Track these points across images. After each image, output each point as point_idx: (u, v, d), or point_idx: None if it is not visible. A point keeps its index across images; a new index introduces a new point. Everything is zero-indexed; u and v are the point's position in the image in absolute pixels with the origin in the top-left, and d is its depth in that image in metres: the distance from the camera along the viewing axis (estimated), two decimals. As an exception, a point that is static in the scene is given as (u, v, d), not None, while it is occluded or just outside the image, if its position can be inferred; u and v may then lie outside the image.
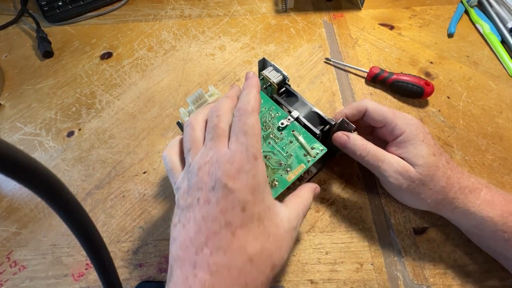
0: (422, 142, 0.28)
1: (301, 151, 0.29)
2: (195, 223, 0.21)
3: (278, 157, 0.29)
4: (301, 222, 0.25)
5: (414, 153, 0.28)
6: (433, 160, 0.27)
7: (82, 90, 0.47)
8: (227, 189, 0.21)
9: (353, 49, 0.50)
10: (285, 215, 0.23)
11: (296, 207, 0.25)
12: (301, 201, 0.26)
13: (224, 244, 0.20)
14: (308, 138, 0.29)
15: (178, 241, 0.21)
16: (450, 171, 0.28)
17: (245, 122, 0.23)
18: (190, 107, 0.31)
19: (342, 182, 0.36)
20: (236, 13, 0.56)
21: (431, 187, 0.27)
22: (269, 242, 0.21)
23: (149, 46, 0.52)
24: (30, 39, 0.54)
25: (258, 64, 0.35)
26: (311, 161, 0.28)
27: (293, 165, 0.28)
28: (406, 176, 0.28)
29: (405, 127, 0.29)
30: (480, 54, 0.48)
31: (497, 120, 0.40)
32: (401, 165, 0.28)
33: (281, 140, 0.30)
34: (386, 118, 0.30)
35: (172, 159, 0.26)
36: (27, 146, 0.41)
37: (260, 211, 0.21)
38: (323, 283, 0.30)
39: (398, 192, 0.30)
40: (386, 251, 0.32)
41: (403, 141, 0.29)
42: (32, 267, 0.32)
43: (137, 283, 0.31)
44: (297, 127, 0.30)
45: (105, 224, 0.34)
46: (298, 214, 0.24)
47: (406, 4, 0.56)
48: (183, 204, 0.22)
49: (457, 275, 0.30)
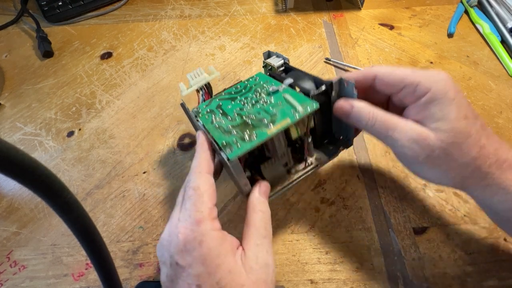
0: (452, 102, 0.22)
1: (290, 108, 0.25)
2: None
3: (262, 115, 0.25)
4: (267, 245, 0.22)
5: (439, 116, 0.22)
6: (463, 124, 0.22)
7: (82, 90, 0.47)
8: (179, 267, 0.20)
9: (353, 49, 0.50)
10: (250, 260, 0.21)
11: (255, 241, 0.22)
12: (256, 230, 0.23)
13: None
14: (298, 96, 0.26)
15: None
16: (486, 139, 0.22)
17: (189, 186, 0.22)
18: (190, 83, 0.32)
19: (342, 182, 0.36)
20: (236, 13, 0.56)
21: (457, 158, 0.22)
22: None
23: (149, 46, 0.52)
24: (30, 39, 0.54)
25: (263, 55, 0.34)
26: (299, 115, 0.24)
27: (277, 120, 0.24)
28: (423, 145, 0.22)
29: (431, 85, 0.23)
30: (480, 54, 0.48)
31: (497, 120, 0.40)
32: (418, 132, 0.23)
33: (270, 103, 0.26)
34: (405, 77, 0.24)
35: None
36: (27, 146, 0.41)
37: (219, 279, 0.19)
38: (323, 283, 0.30)
39: (414, 165, 0.25)
40: (386, 251, 0.32)
41: (426, 102, 0.23)
42: (32, 267, 0.32)
43: (137, 283, 0.31)
44: (289, 91, 0.27)
45: (105, 224, 0.34)
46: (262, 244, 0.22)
47: (406, 4, 0.56)
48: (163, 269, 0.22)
49: (457, 275, 0.30)
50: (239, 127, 0.25)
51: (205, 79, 0.31)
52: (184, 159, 0.39)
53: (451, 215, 0.33)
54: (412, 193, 0.35)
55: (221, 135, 0.24)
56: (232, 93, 0.29)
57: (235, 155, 0.22)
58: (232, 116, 0.26)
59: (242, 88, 0.30)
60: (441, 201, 0.34)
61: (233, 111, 0.27)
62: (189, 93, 0.31)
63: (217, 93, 0.31)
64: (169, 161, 0.39)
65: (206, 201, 0.21)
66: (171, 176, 0.38)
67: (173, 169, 0.38)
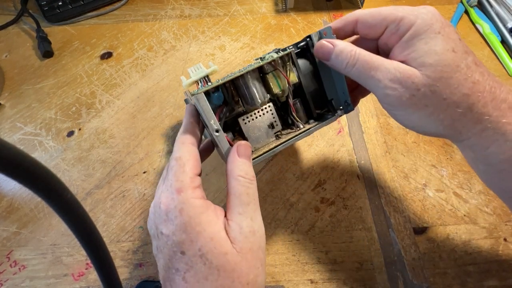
0: (438, 34, 0.20)
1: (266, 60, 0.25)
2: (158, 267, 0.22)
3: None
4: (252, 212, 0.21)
5: (424, 50, 0.20)
6: (451, 57, 0.20)
7: (82, 90, 0.47)
8: (163, 236, 0.20)
9: (353, 49, 0.49)
10: (233, 231, 0.20)
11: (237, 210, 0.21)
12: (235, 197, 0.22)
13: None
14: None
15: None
16: (479, 75, 0.20)
17: (172, 157, 0.22)
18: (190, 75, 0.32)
19: (342, 182, 0.36)
20: (236, 13, 0.56)
21: (446, 96, 0.20)
22: (221, 278, 0.19)
23: (149, 46, 0.52)
24: (30, 39, 0.54)
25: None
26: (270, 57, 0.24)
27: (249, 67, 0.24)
28: (407, 84, 0.20)
29: (415, 18, 0.21)
30: (480, 54, 0.48)
31: (497, 120, 0.40)
32: (401, 71, 0.21)
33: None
34: (387, 16, 0.22)
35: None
36: (27, 146, 0.41)
37: (200, 247, 0.19)
38: (323, 283, 0.30)
39: (398, 109, 0.22)
40: (386, 251, 0.32)
41: (410, 38, 0.21)
42: (32, 266, 0.32)
43: (137, 283, 0.31)
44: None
45: (105, 224, 0.34)
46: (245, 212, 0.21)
47: (406, 4, 0.56)
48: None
49: (457, 275, 0.30)
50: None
51: (204, 72, 0.32)
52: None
53: (451, 215, 0.33)
54: (412, 193, 0.35)
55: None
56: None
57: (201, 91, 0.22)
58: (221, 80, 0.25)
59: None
60: (441, 201, 0.34)
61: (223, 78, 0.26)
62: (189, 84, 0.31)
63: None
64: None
65: (187, 171, 0.21)
66: (171, 176, 0.38)
67: (173, 169, 0.38)
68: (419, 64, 0.20)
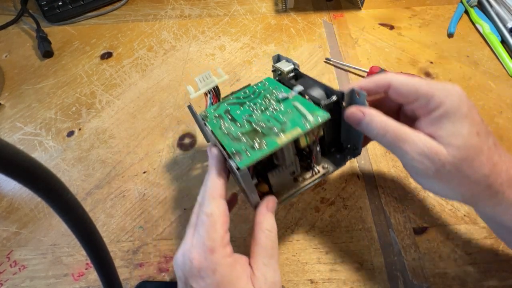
0: (465, 117, 0.22)
1: (300, 118, 0.24)
2: None
3: (272, 123, 0.25)
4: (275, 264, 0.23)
5: (451, 131, 0.22)
6: (475, 141, 0.22)
7: (82, 90, 0.47)
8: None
9: (353, 49, 0.50)
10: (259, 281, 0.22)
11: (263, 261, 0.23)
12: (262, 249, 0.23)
13: None
14: (308, 105, 0.25)
15: None
16: (498, 157, 0.22)
17: (203, 210, 0.23)
18: (198, 86, 0.32)
19: (342, 182, 0.36)
20: (236, 13, 0.56)
21: (469, 174, 0.22)
22: None
23: (149, 46, 0.52)
24: (30, 39, 0.54)
25: (273, 59, 0.34)
26: (309, 125, 0.24)
27: (287, 129, 0.24)
28: (434, 160, 0.22)
29: (445, 98, 0.22)
30: (480, 54, 0.48)
31: (497, 120, 0.40)
32: (429, 146, 0.22)
33: (280, 110, 0.26)
34: (420, 89, 0.23)
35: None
36: (27, 146, 0.41)
37: None
38: (323, 283, 0.30)
39: (423, 178, 0.24)
40: (386, 251, 0.32)
41: (439, 116, 0.22)
42: (32, 266, 0.32)
43: (137, 283, 0.31)
44: (300, 99, 0.26)
45: (105, 224, 0.34)
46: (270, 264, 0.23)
47: (406, 4, 0.56)
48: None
49: (457, 275, 0.30)
50: (249, 134, 0.24)
51: (214, 82, 0.31)
52: (184, 159, 0.39)
53: (451, 215, 0.33)
54: (412, 193, 0.35)
55: (230, 142, 0.24)
56: (240, 98, 0.29)
57: (245, 164, 0.22)
58: (241, 123, 0.26)
59: (250, 93, 0.29)
60: (441, 201, 0.34)
61: (242, 117, 0.26)
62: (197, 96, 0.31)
63: (225, 97, 0.31)
64: (169, 161, 0.39)
65: (219, 229, 0.22)
66: (171, 176, 0.38)
67: (173, 169, 0.38)
68: (446, 143, 0.22)
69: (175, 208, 0.35)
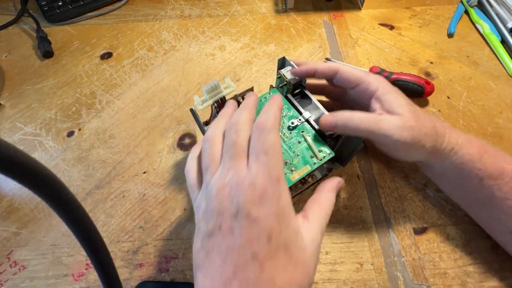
0: (397, 94, 0.29)
1: (308, 153, 0.29)
2: (219, 254, 0.20)
3: (285, 156, 0.29)
4: (322, 236, 0.23)
5: (397, 103, 0.28)
6: (413, 107, 0.28)
7: (82, 90, 0.47)
8: (251, 218, 0.19)
9: (353, 49, 0.50)
10: (309, 235, 0.22)
11: (319, 220, 0.23)
12: (323, 209, 0.24)
13: (253, 277, 0.19)
14: (316, 140, 0.30)
15: (203, 271, 0.20)
16: (423, 113, 0.29)
17: (265, 139, 0.21)
18: (205, 96, 0.31)
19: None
20: (236, 13, 0.56)
21: (425, 130, 0.27)
22: (297, 271, 0.20)
23: (149, 46, 0.52)
24: (30, 39, 0.54)
25: (278, 62, 0.34)
26: (317, 163, 0.28)
27: (298, 165, 0.28)
28: (406, 128, 0.27)
29: (379, 84, 0.29)
30: (480, 54, 0.48)
31: (497, 120, 0.40)
32: (397, 119, 0.27)
33: (290, 139, 0.30)
34: (360, 76, 0.30)
35: (193, 176, 0.25)
36: (27, 146, 0.41)
37: (286, 238, 0.20)
38: (323, 283, 0.30)
39: (402, 148, 0.28)
40: (386, 251, 0.32)
41: (382, 95, 0.29)
42: (32, 267, 0.32)
43: (137, 283, 0.31)
44: (307, 129, 0.30)
45: (105, 224, 0.34)
46: (321, 227, 0.23)
47: (406, 4, 0.56)
48: (204, 229, 0.21)
49: (457, 275, 0.30)
50: None
51: (221, 93, 0.31)
52: (184, 159, 0.39)
53: (451, 215, 0.33)
54: (412, 193, 0.35)
55: None
56: None
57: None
58: None
59: (258, 108, 0.29)
60: (441, 201, 0.34)
61: None
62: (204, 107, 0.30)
63: None
64: (169, 161, 0.39)
65: (281, 160, 0.22)
66: (171, 176, 0.38)
67: (173, 169, 0.38)
68: (399, 112, 0.28)
69: (175, 208, 0.35)
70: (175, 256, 0.32)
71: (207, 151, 0.24)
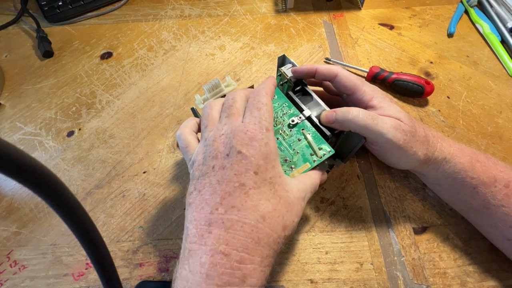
0: (391, 101, 0.30)
1: (308, 150, 0.29)
2: (210, 187, 0.22)
3: (285, 153, 0.29)
4: (308, 196, 0.26)
5: (392, 110, 0.29)
6: (404, 113, 0.29)
7: (82, 90, 0.47)
8: (241, 155, 0.22)
9: (353, 49, 0.50)
10: (294, 185, 0.25)
11: (304, 182, 0.26)
12: (309, 178, 0.27)
13: (238, 203, 0.21)
14: (317, 138, 0.30)
15: (194, 205, 0.22)
16: (417, 122, 0.30)
17: (259, 100, 0.25)
18: (206, 95, 0.31)
19: (342, 182, 0.36)
20: (236, 13, 0.56)
21: (417, 138, 0.29)
22: (280, 204, 0.23)
23: (149, 46, 0.52)
24: (30, 39, 0.54)
25: (278, 60, 0.35)
26: (317, 161, 0.28)
27: (298, 163, 0.28)
28: (400, 130, 0.28)
29: (373, 93, 0.30)
30: (480, 54, 0.48)
31: (497, 120, 0.40)
32: (393, 120, 0.28)
33: (290, 137, 0.30)
34: (356, 84, 0.30)
35: (186, 137, 0.27)
36: (27, 146, 0.41)
37: (272, 176, 0.23)
38: (323, 283, 0.30)
39: (394, 150, 0.29)
40: (386, 251, 0.32)
41: (377, 103, 0.30)
42: (32, 266, 0.32)
43: (137, 283, 0.31)
44: (307, 127, 0.30)
45: (105, 224, 0.34)
46: (306, 187, 0.25)
47: (406, 4, 0.56)
48: (198, 174, 0.23)
49: (457, 274, 0.30)
50: None
51: (222, 92, 0.31)
52: (184, 159, 0.39)
53: (451, 215, 0.33)
54: (412, 193, 0.35)
55: None
56: None
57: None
58: None
59: None
60: (441, 201, 0.34)
61: None
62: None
63: None
64: (169, 161, 0.39)
65: (272, 117, 0.25)
66: (171, 176, 0.38)
67: (173, 169, 0.38)
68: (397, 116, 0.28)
69: (175, 208, 0.35)
70: (175, 256, 0.32)
71: (206, 113, 0.27)
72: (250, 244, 0.21)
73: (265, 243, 0.21)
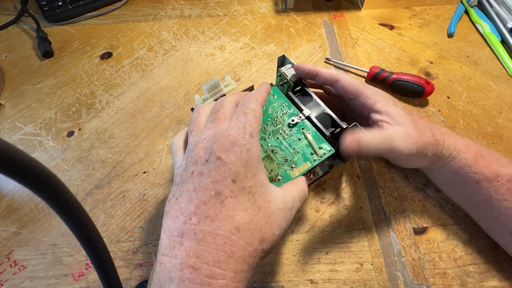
0: (394, 103, 0.30)
1: (309, 150, 0.29)
2: (187, 195, 0.21)
3: (285, 152, 0.29)
4: (297, 206, 0.25)
5: (396, 114, 0.29)
6: (411, 117, 0.29)
7: (82, 90, 0.47)
8: (219, 161, 0.21)
9: (353, 49, 0.50)
10: (279, 195, 0.23)
11: (291, 191, 0.25)
12: (296, 187, 0.25)
13: (212, 213, 0.20)
14: (317, 137, 0.30)
15: (169, 214, 0.21)
16: (422, 122, 0.30)
17: (247, 106, 0.24)
18: (205, 95, 0.31)
19: (342, 182, 0.36)
20: (236, 13, 0.56)
21: (426, 141, 0.28)
22: (258, 216, 0.21)
23: (149, 46, 0.52)
24: (30, 39, 0.54)
25: (278, 60, 0.35)
26: (317, 160, 0.28)
27: (298, 162, 0.28)
28: (412, 141, 0.28)
29: (376, 96, 0.30)
30: (480, 54, 0.48)
31: (497, 120, 0.40)
32: (403, 132, 0.28)
33: (290, 136, 0.30)
34: (358, 89, 0.30)
35: (177, 142, 0.27)
36: (27, 146, 0.41)
37: (251, 185, 0.22)
38: (323, 283, 0.30)
39: (406, 158, 0.30)
40: (386, 251, 0.32)
41: (381, 107, 0.29)
42: (32, 267, 0.32)
43: (137, 283, 0.31)
44: (307, 126, 0.30)
45: (105, 224, 0.34)
46: (293, 197, 0.24)
47: (406, 4, 0.56)
48: (179, 180, 0.23)
49: (457, 275, 0.30)
50: (264, 160, 0.28)
51: (222, 91, 0.31)
52: (184, 159, 0.39)
53: (451, 215, 0.33)
54: (412, 193, 0.35)
55: None
56: None
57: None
58: None
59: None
60: (441, 201, 0.34)
61: None
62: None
63: None
64: (169, 161, 0.39)
65: (258, 124, 0.24)
66: (171, 176, 0.38)
67: (173, 169, 0.38)
68: (401, 123, 0.28)
69: (175, 208, 0.35)
70: (175, 256, 0.32)
71: (194, 117, 0.26)
72: (222, 257, 0.19)
73: (239, 257, 0.20)
